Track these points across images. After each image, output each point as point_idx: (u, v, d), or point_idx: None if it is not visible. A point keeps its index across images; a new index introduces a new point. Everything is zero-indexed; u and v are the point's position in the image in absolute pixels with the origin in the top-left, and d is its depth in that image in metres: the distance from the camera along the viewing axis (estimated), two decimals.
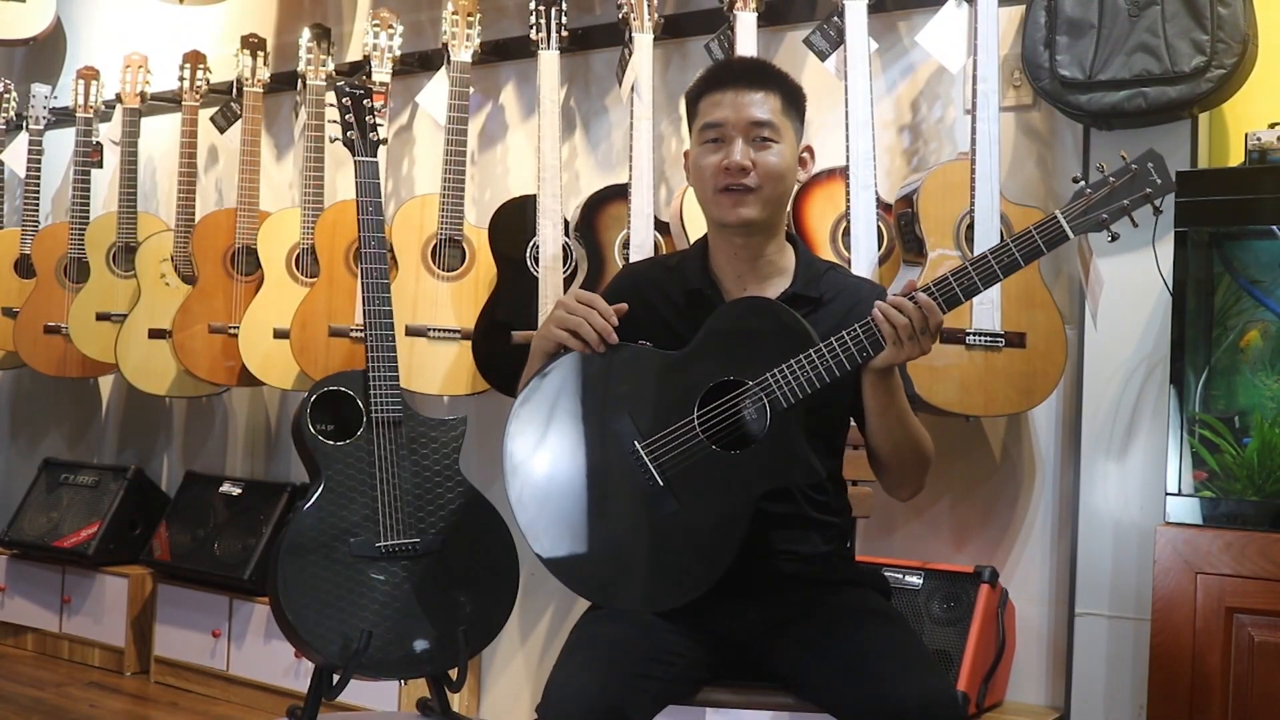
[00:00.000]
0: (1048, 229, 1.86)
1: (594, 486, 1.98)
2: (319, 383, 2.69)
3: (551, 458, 2.00)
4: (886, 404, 1.96)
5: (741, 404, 1.93)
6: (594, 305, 2.00)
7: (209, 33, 4.27)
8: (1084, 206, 1.87)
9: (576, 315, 1.99)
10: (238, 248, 3.68)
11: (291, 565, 2.52)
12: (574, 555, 1.97)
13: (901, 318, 1.86)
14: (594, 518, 1.98)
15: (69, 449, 4.74)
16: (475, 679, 3.53)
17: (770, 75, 2.05)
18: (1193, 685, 2.20)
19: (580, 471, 1.99)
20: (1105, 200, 1.87)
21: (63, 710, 3.60)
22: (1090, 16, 2.56)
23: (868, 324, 1.88)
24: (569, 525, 1.98)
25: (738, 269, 2.08)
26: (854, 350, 1.89)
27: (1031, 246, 1.87)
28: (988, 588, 2.65)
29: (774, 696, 1.97)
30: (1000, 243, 1.89)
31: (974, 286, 1.88)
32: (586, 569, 1.98)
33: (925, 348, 1.89)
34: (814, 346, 1.90)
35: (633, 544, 1.97)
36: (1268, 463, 2.26)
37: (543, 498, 1.99)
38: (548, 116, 3.11)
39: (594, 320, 1.98)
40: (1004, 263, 1.87)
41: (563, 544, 1.98)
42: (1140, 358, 2.64)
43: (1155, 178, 1.86)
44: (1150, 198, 1.87)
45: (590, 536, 1.98)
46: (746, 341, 1.95)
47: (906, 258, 2.70)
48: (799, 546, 2.03)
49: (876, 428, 1.98)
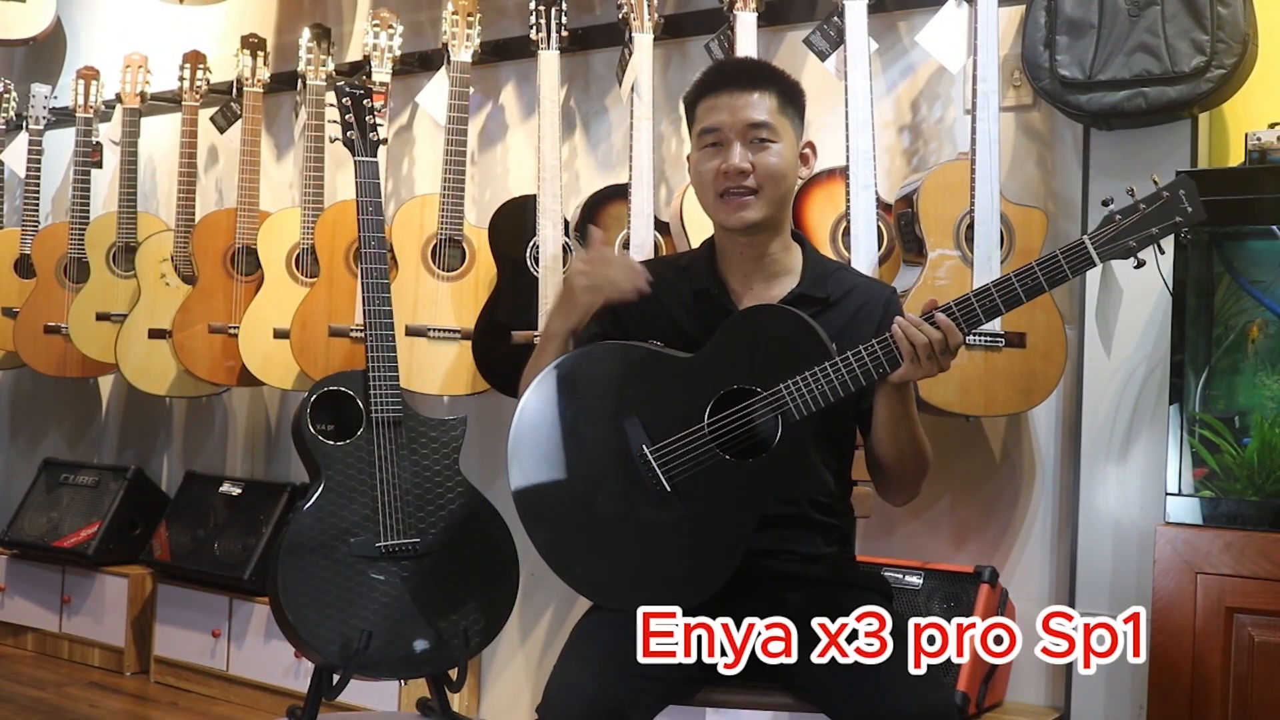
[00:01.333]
0: (1074, 255, 1.83)
1: (599, 488, 1.98)
2: (319, 383, 2.69)
3: (559, 454, 1.99)
4: (900, 415, 1.95)
5: (754, 413, 1.92)
6: (607, 259, 2.05)
7: (209, 33, 4.27)
8: (1113, 233, 1.82)
9: (597, 269, 2.04)
10: (238, 248, 3.68)
11: (291, 565, 2.53)
12: (574, 554, 1.98)
13: (921, 337, 1.85)
14: (597, 518, 1.98)
15: (69, 449, 4.74)
16: (475, 679, 3.53)
17: (765, 74, 2.05)
18: (1193, 685, 2.20)
19: (586, 471, 1.99)
20: (1134, 228, 1.81)
21: (63, 710, 3.60)
22: (1090, 16, 2.56)
23: (886, 340, 1.86)
24: (571, 525, 1.98)
25: (744, 268, 2.08)
26: (870, 366, 1.87)
27: (1057, 271, 1.83)
28: (988, 588, 2.65)
29: (774, 697, 1.97)
30: (1024, 266, 1.85)
31: (996, 308, 1.86)
32: (587, 569, 1.98)
33: (944, 366, 1.87)
34: (830, 360, 1.88)
35: (636, 547, 1.97)
36: (1268, 463, 2.26)
37: (546, 493, 1.99)
38: (548, 116, 3.11)
39: (616, 272, 2.04)
40: (1028, 286, 1.84)
41: (564, 541, 1.98)
42: (1140, 358, 2.64)
43: (1186, 205, 1.80)
44: (1179, 226, 1.81)
45: (592, 536, 1.97)
46: (762, 350, 1.93)
47: (906, 258, 2.70)
48: (801, 547, 2.03)
49: (885, 437, 1.98)
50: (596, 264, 2.06)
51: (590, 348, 2.06)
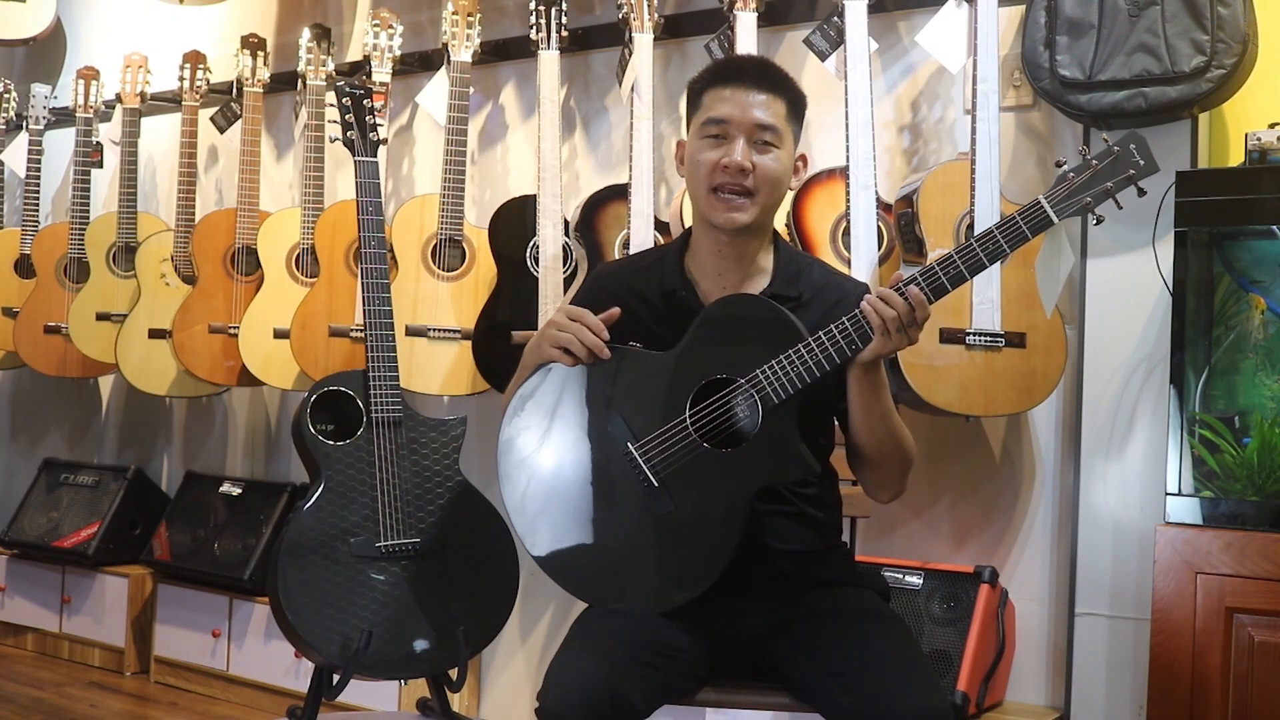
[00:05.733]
0: (1031, 214, 1.85)
1: (589, 490, 1.98)
2: (319, 383, 2.69)
3: (546, 462, 2.00)
4: (871, 400, 1.95)
5: (733, 401, 1.93)
6: (584, 320, 2.00)
7: (209, 33, 4.27)
8: (1067, 190, 1.85)
9: (567, 332, 2.00)
10: (238, 248, 3.69)
11: (291, 565, 2.53)
12: (571, 559, 1.98)
13: (890, 310, 1.86)
14: (590, 521, 1.98)
15: (69, 449, 4.74)
16: (475, 679, 3.53)
17: (778, 79, 2.04)
18: (1193, 685, 2.20)
19: (575, 476, 1.99)
20: (1088, 183, 1.85)
21: (63, 710, 3.60)
22: (1090, 16, 2.56)
23: (855, 317, 1.87)
24: (565, 529, 1.98)
25: (719, 266, 2.07)
26: (842, 343, 1.88)
27: (1016, 233, 1.85)
28: (988, 588, 2.65)
29: (774, 696, 1.97)
30: (984, 230, 1.87)
31: (960, 275, 1.87)
32: (583, 572, 1.98)
33: (913, 338, 1.89)
34: (803, 341, 1.89)
35: (629, 546, 1.97)
36: (1268, 463, 2.26)
37: (539, 501, 1.99)
38: (548, 116, 3.11)
39: (584, 337, 1.99)
40: (989, 250, 1.86)
41: (559, 548, 1.98)
42: (1140, 358, 2.64)
43: (1138, 159, 1.85)
44: (1134, 179, 1.85)
45: (586, 540, 1.98)
46: (735, 338, 1.94)
47: (906, 258, 2.70)
48: (790, 543, 2.03)
49: (860, 424, 1.98)
50: (573, 323, 2.01)
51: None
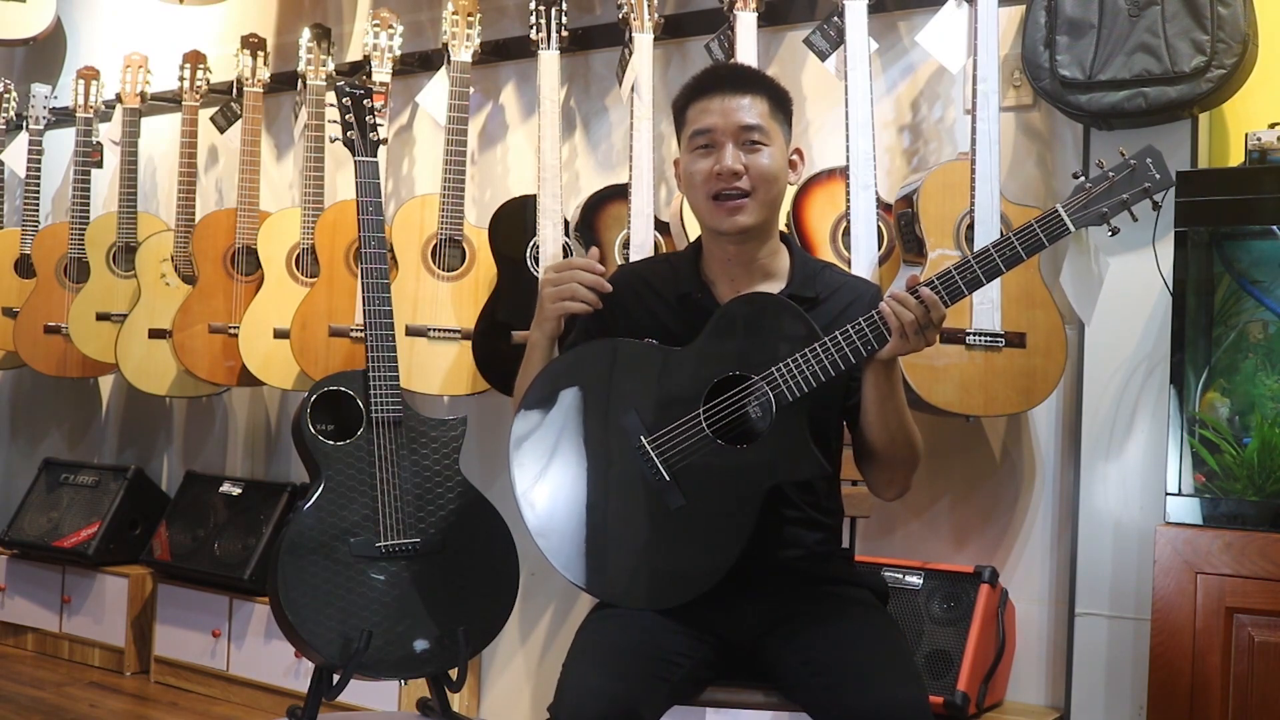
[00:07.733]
0: (1049, 222, 1.89)
1: (600, 482, 1.99)
2: (319, 383, 2.69)
3: (560, 456, 2.01)
4: (887, 394, 1.96)
5: (747, 399, 1.94)
6: (571, 264, 2.04)
7: (209, 33, 4.27)
8: (1084, 200, 1.90)
9: (562, 285, 2.03)
10: (238, 248, 3.69)
11: (291, 565, 2.52)
12: (577, 550, 1.98)
13: (908, 313, 1.87)
14: (600, 513, 1.99)
15: (69, 449, 4.74)
16: (475, 679, 3.53)
17: (756, 79, 2.07)
18: (1193, 685, 2.20)
19: (588, 469, 2.00)
20: (1105, 195, 1.90)
21: (63, 710, 3.60)
22: (1090, 16, 2.56)
23: (872, 318, 1.89)
24: (574, 520, 1.99)
25: (731, 273, 2.09)
26: (859, 344, 1.90)
27: (1033, 240, 1.89)
28: (988, 588, 2.65)
29: (774, 697, 1.98)
30: (1002, 236, 1.91)
31: (977, 280, 1.90)
32: (589, 564, 1.99)
33: (930, 340, 1.90)
34: (819, 340, 1.91)
35: (639, 540, 1.98)
36: (1268, 463, 2.26)
37: (548, 491, 2.00)
38: (548, 116, 3.11)
39: (580, 278, 2.02)
40: (1006, 256, 1.89)
41: (566, 539, 1.99)
42: (1140, 358, 2.64)
43: (1154, 173, 1.90)
44: (1149, 192, 1.90)
45: (595, 532, 1.98)
46: (752, 337, 1.96)
47: (906, 258, 2.70)
48: (793, 548, 2.04)
49: (874, 420, 1.99)
50: (564, 272, 2.07)
51: (581, 348, 2.07)
